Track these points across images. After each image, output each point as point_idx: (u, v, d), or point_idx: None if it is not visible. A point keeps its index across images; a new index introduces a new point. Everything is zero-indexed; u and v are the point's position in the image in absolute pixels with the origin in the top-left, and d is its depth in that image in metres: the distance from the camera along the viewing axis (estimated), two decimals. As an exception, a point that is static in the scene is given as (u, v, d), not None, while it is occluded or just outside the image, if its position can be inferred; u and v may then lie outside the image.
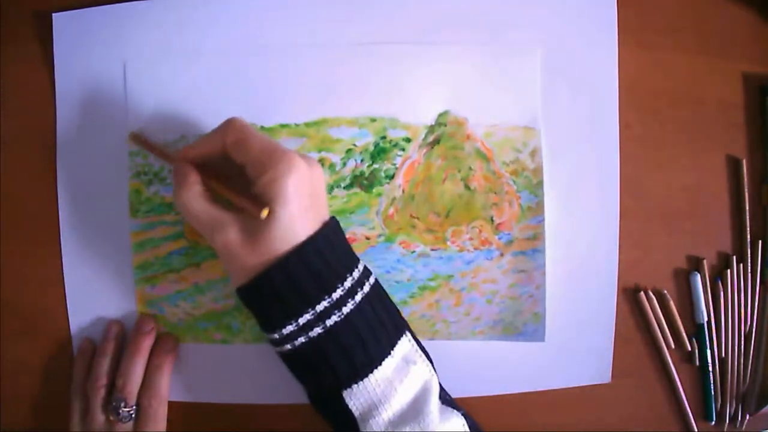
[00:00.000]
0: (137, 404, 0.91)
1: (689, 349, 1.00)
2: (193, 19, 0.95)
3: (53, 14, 0.96)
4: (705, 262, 0.99)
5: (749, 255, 0.99)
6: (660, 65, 0.98)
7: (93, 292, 0.97)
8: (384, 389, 0.77)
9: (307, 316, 0.75)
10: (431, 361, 0.84)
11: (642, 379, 1.01)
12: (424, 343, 0.86)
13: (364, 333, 0.77)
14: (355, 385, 0.76)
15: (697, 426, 1.01)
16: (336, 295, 0.76)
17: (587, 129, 0.96)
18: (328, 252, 0.78)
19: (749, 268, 0.99)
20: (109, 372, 0.92)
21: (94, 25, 0.95)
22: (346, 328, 0.76)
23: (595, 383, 0.99)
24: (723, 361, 1.00)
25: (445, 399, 0.84)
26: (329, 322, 0.75)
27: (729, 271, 0.99)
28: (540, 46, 0.95)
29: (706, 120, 0.99)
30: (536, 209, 0.95)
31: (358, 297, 0.78)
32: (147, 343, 0.94)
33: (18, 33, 0.97)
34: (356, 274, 0.79)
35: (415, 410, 0.78)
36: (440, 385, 0.84)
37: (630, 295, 0.99)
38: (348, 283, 0.77)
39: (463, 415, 0.83)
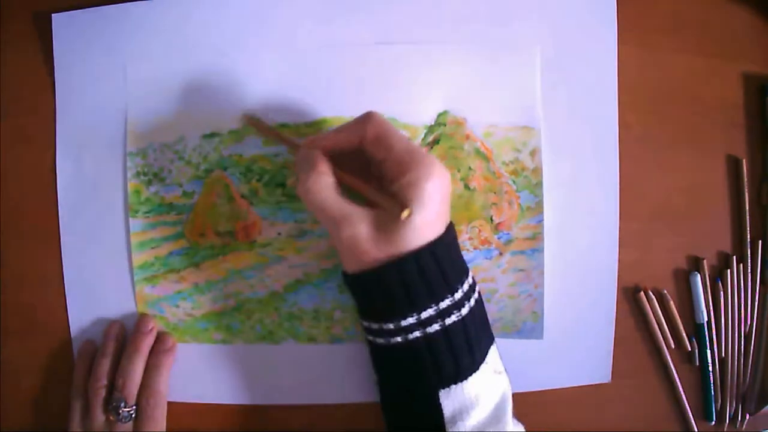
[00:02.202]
0: (136, 404, 0.91)
1: (689, 349, 1.00)
2: (192, 21, 0.95)
3: (52, 15, 0.96)
4: (705, 262, 0.99)
5: (749, 255, 0.99)
6: (660, 65, 0.98)
7: (93, 293, 0.98)
8: (477, 394, 0.78)
9: (430, 311, 0.75)
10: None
11: (642, 379, 1.01)
12: None
13: (472, 337, 0.78)
14: (454, 386, 0.77)
15: (697, 426, 1.01)
16: (457, 295, 0.77)
17: (587, 129, 0.96)
18: (453, 253, 0.79)
19: (749, 268, 0.99)
20: (109, 372, 0.93)
21: (93, 25, 0.96)
22: (460, 330, 0.77)
23: (595, 383, 0.99)
24: (723, 361, 1.00)
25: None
26: (448, 321, 0.76)
27: (729, 271, 0.99)
28: (540, 45, 0.95)
29: (706, 120, 0.99)
30: (535, 209, 0.95)
31: (473, 301, 0.79)
32: (147, 343, 0.94)
33: (18, 33, 0.97)
34: (470, 279, 0.81)
35: (495, 419, 0.80)
36: None
37: (630, 295, 0.99)
38: (466, 286, 0.79)
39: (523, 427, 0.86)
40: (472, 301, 0.79)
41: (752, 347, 1.01)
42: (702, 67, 0.99)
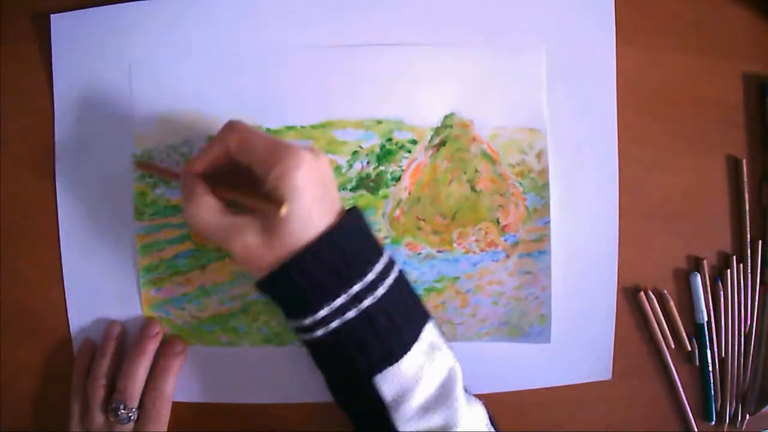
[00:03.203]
0: (140, 404, 0.90)
1: (689, 349, 1.00)
2: (196, 21, 0.94)
3: (51, 15, 0.95)
4: (705, 262, 0.99)
5: (749, 255, 1.00)
6: (660, 65, 0.98)
7: (97, 294, 0.97)
8: (415, 374, 0.78)
9: (343, 298, 0.75)
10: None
11: (642, 379, 1.01)
12: None
13: (397, 317, 0.77)
14: (388, 369, 0.77)
15: (697, 426, 1.02)
16: (369, 277, 0.76)
17: (587, 129, 0.96)
18: (356, 236, 0.79)
19: (749, 268, 1.00)
20: (108, 372, 0.92)
21: (92, 26, 0.94)
22: (379, 312, 0.76)
23: (596, 380, 0.99)
24: (723, 361, 1.01)
25: (465, 389, 0.84)
26: (364, 304, 0.75)
27: (729, 271, 0.99)
28: (543, 47, 0.95)
29: (706, 120, 0.99)
30: (542, 211, 0.95)
31: (389, 280, 0.78)
32: (152, 347, 0.94)
33: (17, 34, 0.96)
34: (385, 258, 0.80)
35: (443, 396, 0.79)
36: None
37: (630, 295, 1.00)
38: (379, 267, 0.78)
39: (483, 404, 0.85)
40: (389, 281, 0.78)
41: (752, 347, 1.01)
42: (702, 67, 0.99)
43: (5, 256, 0.98)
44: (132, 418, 0.89)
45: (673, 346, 1.00)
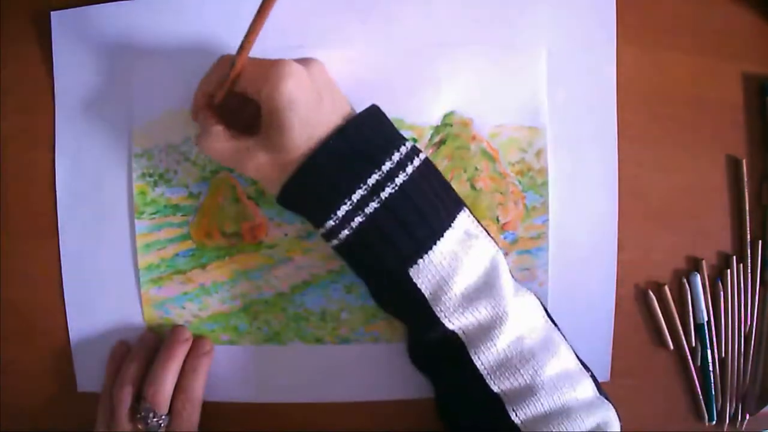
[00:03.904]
0: (170, 409, 0.89)
1: (689, 349, 1.00)
2: (197, 19, 0.94)
3: (51, 13, 0.95)
4: (705, 262, 0.99)
5: (749, 255, 1.00)
6: (660, 65, 0.98)
7: (97, 294, 0.97)
8: (451, 262, 0.77)
9: (360, 192, 0.75)
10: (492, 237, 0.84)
11: (642, 379, 1.01)
12: None
13: (422, 204, 0.77)
14: (421, 260, 0.76)
15: (697, 426, 1.02)
16: (386, 167, 0.76)
17: (588, 129, 0.96)
18: (369, 131, 0.79)
19: (749, 268, 1.00)
20: (136, 380, 0.90)
21: (93, 23, 0.95)
22: (402, 201, 0.76)
23: (594, 381, 0.99)
24: (723, 361, 1.01)
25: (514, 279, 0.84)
26: (384, 195, 0.75)
27: (729, 271, 0.99)
28: (543, 46, 0.95)
29: (706, 120, 0.99)
30: (541, 209, 0.95)
31: (410, 169, 0.78)
32: (182, 352, 0.92)
33: (17, 32, 0.97)
34: (404, 149, 0.79)
35: (487, 285, 0.79)
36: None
37: (630, 295, 1.00)
38: (396, 157, 0.77)
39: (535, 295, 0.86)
40: (410, 169, 0.78)
41: (752, 347, 1.01)
42: (702, 67, 0.99)
43: (5, 255, 0.98)
44: (162, 425, 0.87)
45: (672, 347, 1.00)
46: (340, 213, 0.75)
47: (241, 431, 0.98)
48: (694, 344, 1.00)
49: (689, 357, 1.00)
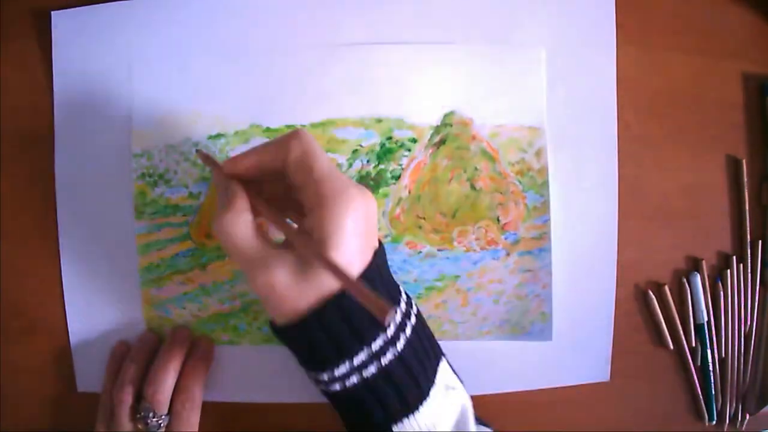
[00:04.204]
0: (170, 409, 0.89)
1: (689, 349, 1.00)
2: (197, 20, 0.94)
3: (52, 12, 0.95)
4: (705, 262, 0.99)
5: (749, 255, 1.00)
6: (660, 65, 0.98)
7: (97, 294, 0.97)
8: (433, 420, 0.74)
9: (362, 356, 0.70)
10: (461, 380, 0.82)
11: (642, 379, 1.01)
12: None
13: (415, 367, 0.73)
14: (406, 419, 0.73)
15: (697, 426, 1.02)
16: (390, 331, 0.71)
17: (588, 129, 0.96)
18: (378, 284, 0.72)
19: (749, 268, 1.00)
20: (136, 380, 0.90)
21: (93, 23, 0.95)
22: (399, 365, 0.71)
23: (594, 381, 1.00)
24: (723, 361, 1.01)
25: (476, 417, 0.82)
26: (384, 361, 0.70)
27: (729, 271, 0.99)
28: (543, 46, 0.95)
29: (706, 120, 0.99)
30: (542, 209, 0.95)
31: (408, 330, 0.73)
32: (182, 352, 0.92)
33: (17, 31, 0.97)
34: (403, 305, 0.75)
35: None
36: None
37: (630, 295, 1.00)
38: (398, 317, 0.73)
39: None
40: (408, 330, 0.73)
41: (752, 347, 1.01)
42: (702, 67, 0.99)
43: (5, 255, 0.98)
44: (162, 425, 0.87)
45: (672, 347, 1.00)
46: (338, 372, 0.71)
47: (241, 431, 0.98)
48: (694, 344, 1.00)
49: (689, 357, 1.00)
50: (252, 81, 0.94)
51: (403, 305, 0.75)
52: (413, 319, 0.75)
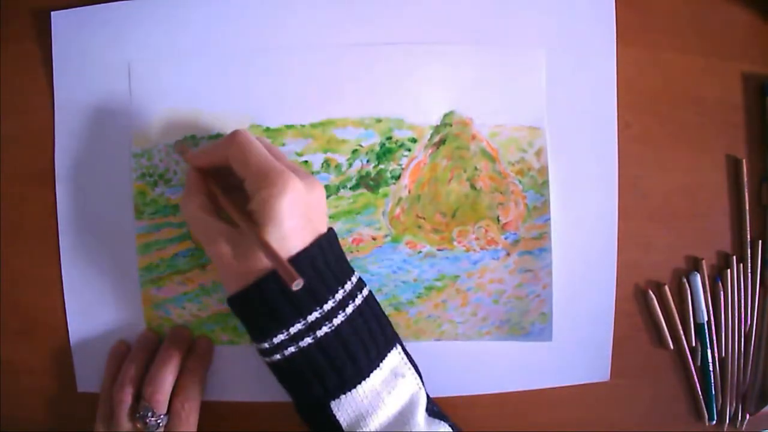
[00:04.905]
0: (169, 408, 0.89)
1: (689, 348, 1.00)
2: (197, 20, 0.94)
3: (52, 12, 0.95)
4: (705, 262, 0.99)
5: (749, 255, 1.00)
6: (660, 65, 0.98)
7: (97, 294, 0.97)
8: (371, 401, 0.78)
9: (298, 326, 0.75)
10: (420, 374, 0.85)
11: (642, 379, 1.01)
12: (429, 343, 0.92)
13: (354, 345, 0.78)
14: (343, 396, 0.77)
15: (697, 426, 1.02)
16: (327, 306, 0.76)
17: (589, 129, 0.96)
18: (321, 264, 0.78)
19: (749, 268, 1.00)
20: (136, 380, 0.90)
21: (93, 23, 0.94)
22: (335, 340, 0.77)
23: (595, 381, 1.00)
24: (723, 361, 1.01)
25: (433, 411, 0.85)
26: (319, 333, 0.76)
27: (729, 271, 0.99)
28: (543, 46, 0.95)
29: (706, 120, 0.99)
30: (542, 208, 0.95)
31: (349, 309, 0.79)
32: (182, 352, 0.92)
33: (17, 31, 0.96)
34: (348, 286, 0.80)
35: (401, 422, 0.79)
36: (428, 397, 0.85)
37: (630, 295, 1.00)
38: (339, 296, 0.78)
39: (450, 426, 0.84)
40: (350, 309, 0.79)
41: (752, 347, 1.01)
42: (702, 67, 0.99)
43: (5, 255, 0.97)
44: (161, 424, 0.87)
45: (672, 347, 1.00)
46: (276, 340, 0.76)
47: (241, 431, 0.98)
48: (694, 344, 1.00)
49: (689, 357, 1.00)
50: (252, 81, 0.94)
51: (348, 286, 0.80)
52: (358, 301, 0.81)
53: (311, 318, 0.75)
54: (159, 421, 0.87)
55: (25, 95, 0.96)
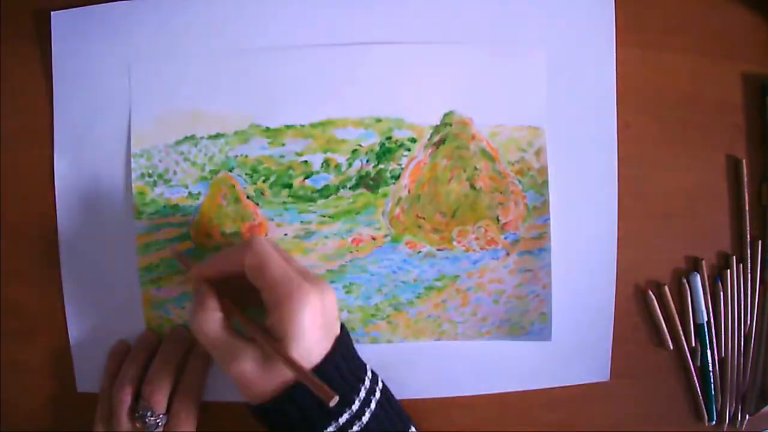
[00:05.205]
0: (168, 407, 0.89)
1: (689, 349, 1.00)
2: (196, 20, 0.94)
3: (51, 12, 0.95)
4: (704, 262, 0.99)
5: (749, 255, 1.00)
6: (660, 65, 0.98)
7: (97, 294, 0.97)
8: None
9: (331, 429, 0.75)
10: None
11: (642, 379, 1.01)
12: (429, 343, 0.94)
13: None
14: None
15: (697, 426, 1.02)
16: (355, 407, 0.76)
17: (588, 128, 0.96)
18: (343, 367, 0.78)
19: (749, 268, 1.00)
20: (135, 380, 0.90)
21: (93, 23, 0.94)
22: None
23: (595, 381, 1.00)
24: (723, 361, 1.01)
25: None
26: None
27: (729, 271, 0.99)
28: (543, 46, 0.95)
29: (706, 120, 0.99)
30: (542, 208, 0.95)
31: (373, 405, 0.79)
32: (181, 352, 0.93)
33: (17, 31, 0.96)
34: (367, 382, 0.80)
35: None
36: None
37: (630, 295, 1.00)
38: (362, 393, 0.78)
39: None
40: (373, 405, 0.79)
41: (752, 347, 1.01)
42: (702, 67, 0.99)
43: (5, 255, 0.97)
44: (160, 424, 0.87)
45: (672, 347, 1.00)
46: None
47: (241, 431, 0.98)
48: (694, 344, 1.00)
49: (689, 357, 1.00)
50: (252, 81, 0.94)
51: (367, 382, 0.80)
52: (378, 395, 0.81)
53: (342, 420, 0.75)
54: (158, 420, 0.87)
55: (25, 95, 0.96)
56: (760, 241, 1.00)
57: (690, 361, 1.00)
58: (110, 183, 0.95)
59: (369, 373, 0.82)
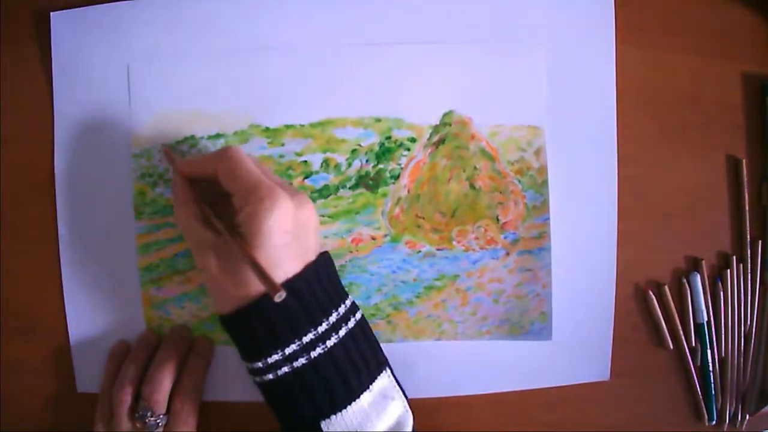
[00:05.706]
0: (168, 407, 0.89)
1: (689, 349, 1.00)
2: (195, 19, 0.94)
3: (51, 13, 0.95)
4: (705, 262, 0.99)
5: (749, 255, 1.00)
6: (660, 65, 0.98)
7: (97, 294, 0.97)
8: (361, 421, 0.79)
9: (294, 347, 0.76)
10: (407, 398, 0.85)
11: (642, 379, 1.01)
12: (429, 343, 0.93)
13: (346, 367, 0.79)
14: (334, 416, 0.78)
15: (697, 426, 1.02)
16: (322, 328, 0.77)
17: (588, 128, 0.96)
18: (317, 287, 0.79)
19: (749, 268, 1.00)
20: (135, 380, 0.90)
21: (92, 24, 0.94)
22: (328, 361, 0.77)
23: (594, 380, 1.00)
24: (723, 361, 1.01)
25: None
26: (313, 354, 0.76)
27: (729, 271, 0.99)
28: (543, 46, 0.95)
29: (706, 120, 0.99)
30: (541, 208, 0.95)
31: (342, 332, 0.79)
32: (181, 352, 0.93)
33: (16, 32, 0.96)
34: (342, 309, 0.81)
35: None
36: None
37: (630, 295, 1.00)
38: (333, 318, 0.79)
39: None
40: (343, 331, 0.79)
41: (752, 347, 1.01)
42: (702, 67, 0.99)
43: (5, 255, 0.97)
44: (160, 424, 0.88)
45: (672, 347, 1.00)
46: (270, 360, 0.77)
47: (241, 431, 0.98)
48: (694, 344, 1.00)
49: (689, 357, 1.00)
50: (252, 81, 0.94)
51: (342, 310, 0.81)
52: (351, 325, 0.82)
53: (306, 339, 0.76)
54: (158, 420, 0.87)
55: (24, 95, 0.96)
56: (760, 241, 1.00)
57: (690, 360, 1.00)
58: (110, 183, 0.95)
59: (348, 304, 0.83)
